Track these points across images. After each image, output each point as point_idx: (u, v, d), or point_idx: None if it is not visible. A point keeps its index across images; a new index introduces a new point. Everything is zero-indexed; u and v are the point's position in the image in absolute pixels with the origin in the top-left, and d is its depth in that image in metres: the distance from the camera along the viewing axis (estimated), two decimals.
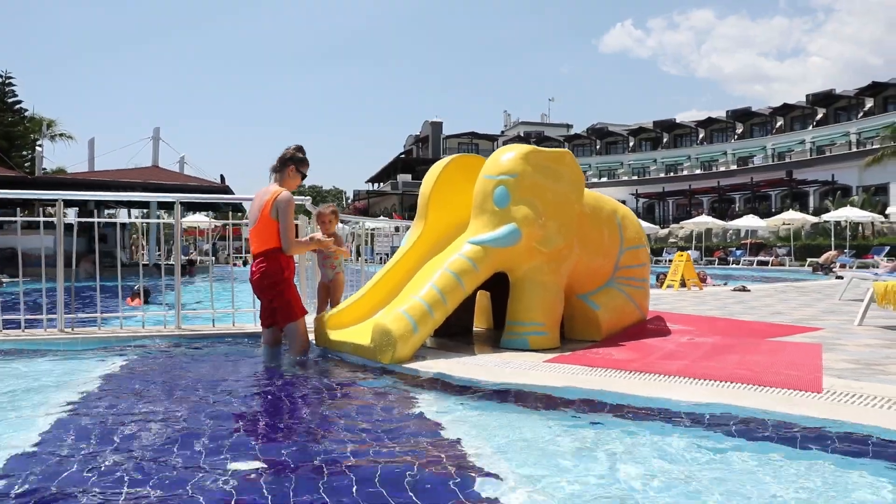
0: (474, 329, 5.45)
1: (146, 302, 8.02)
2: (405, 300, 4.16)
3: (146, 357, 4.42)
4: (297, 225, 5.02)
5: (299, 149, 4.50)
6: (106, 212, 29.29)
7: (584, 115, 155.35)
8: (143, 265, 6.51)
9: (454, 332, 4.99)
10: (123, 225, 27.81)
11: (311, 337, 4.53)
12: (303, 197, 5.53)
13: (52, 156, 40.34)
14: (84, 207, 23.60)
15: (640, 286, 5.23)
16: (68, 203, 27.85)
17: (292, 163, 4.40)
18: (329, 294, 4.97)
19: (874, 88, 44.50)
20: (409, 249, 4.82)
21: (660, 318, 5.60)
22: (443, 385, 3.44)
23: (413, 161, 65.23)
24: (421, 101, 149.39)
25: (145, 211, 25.98)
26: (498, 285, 4.70)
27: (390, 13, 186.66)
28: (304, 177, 4.53)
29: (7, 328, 4.98)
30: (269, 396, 3.43)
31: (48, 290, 5.09)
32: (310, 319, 4.61)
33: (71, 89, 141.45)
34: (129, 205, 31.10)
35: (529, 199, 4.34)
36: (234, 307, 5.37)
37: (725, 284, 12.96)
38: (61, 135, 39.95)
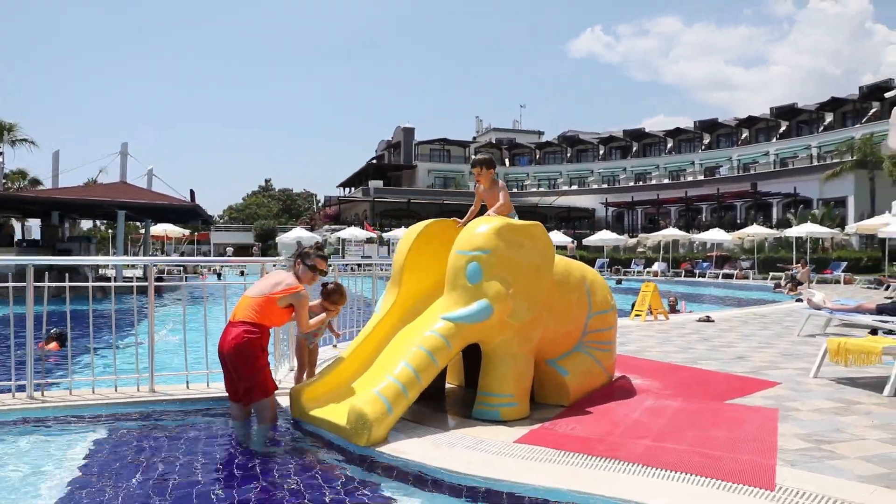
0: (446, 385, 5.57)
1: (62, 346, 7.43)
2: (380, 377, 4.25)
3: (118, 436, 4.40)
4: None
5: (319, 247, 4.91)
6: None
7: (555, 120, 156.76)
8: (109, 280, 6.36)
9: (428, 392, 5.08)
10: (89, 238, 27.35)
11: (286, 404, 4.60)
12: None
13: (13, 162, 39.18)
14: (48, 220, 23.12)
15: (608, 349, 5.41)
16: (30, 213, 27.26)
17: (302, 259, 4.77)
18: (310, 357, 5.16)
19: (833, 104, 45.91)
20: (384, 317, 4.91)
21: (625, 376, 5.78)
22: (415, 476, 3.54)
23: (385, 167, 65.15)
24: (393, 106, 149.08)
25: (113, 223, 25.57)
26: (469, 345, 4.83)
27: (362, 19, 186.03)
28: (321, 272, 4.89)
29: None
30: (250, 484, 3.49)
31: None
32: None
33: (35, 98, 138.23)
34: (94, 215, 30.60)
35: (501, 275, 4.47)
36: (208, 368, 5.38)
37: (690, 312, 13.34)
38: (23, 140, 38.97)
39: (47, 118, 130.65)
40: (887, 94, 40.64)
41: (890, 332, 7.77)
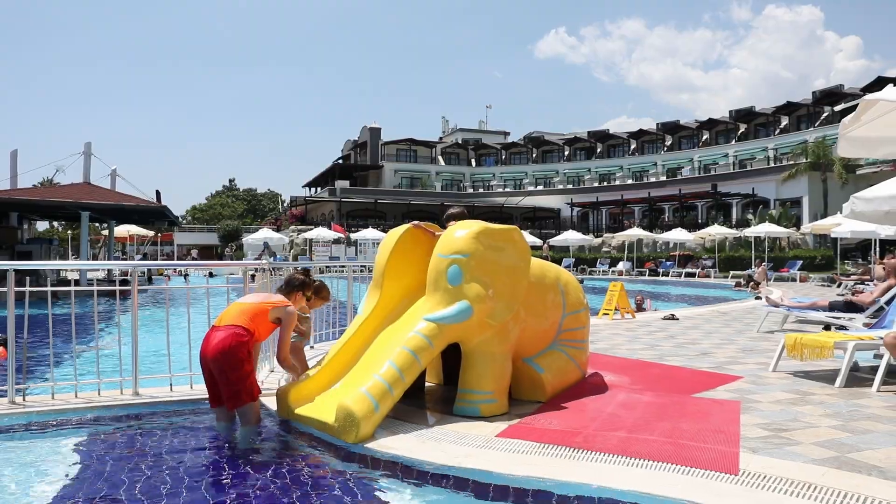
0: (426, 384, 5.74)
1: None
2: (366, 376, 4.40)
3: (104, 438, 4.46)
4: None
5: (306, 273, 5.14)
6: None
7: (521, 121, 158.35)
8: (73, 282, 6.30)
9: (409, 391, 5.25)
10: (51, 240, 26.70)
11: (273, 408, 4.72)
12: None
13: None
14: (5, 221, 22.50)
15: (581, 346, 5.65)
16: None
17: (300, 288, 5.01)
18: (299, 355, 5.35)
19: (789, 108, 47.54)
20: (367, 318, 5.07)
21: (598, 373, 6.04)
22: (403, 470, 3.71)
23: (351, 167, 64.94)
24: (359, 106, 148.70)
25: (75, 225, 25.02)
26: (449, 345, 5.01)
27: (328, 16, 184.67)
28: (308, 299, 5.18)
29: None
30: (240, 485, 3.61)
31: None
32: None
33: None
34: (54, 216, 29.86)
35: (480, 277, 4.67)
36: (192, 371, 5.44)
37: (656, 311, 13.78)
38: None
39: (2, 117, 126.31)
40: (837, 108, 42.23)
41: (841, 327, 8.23)
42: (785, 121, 48.56)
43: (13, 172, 22.05)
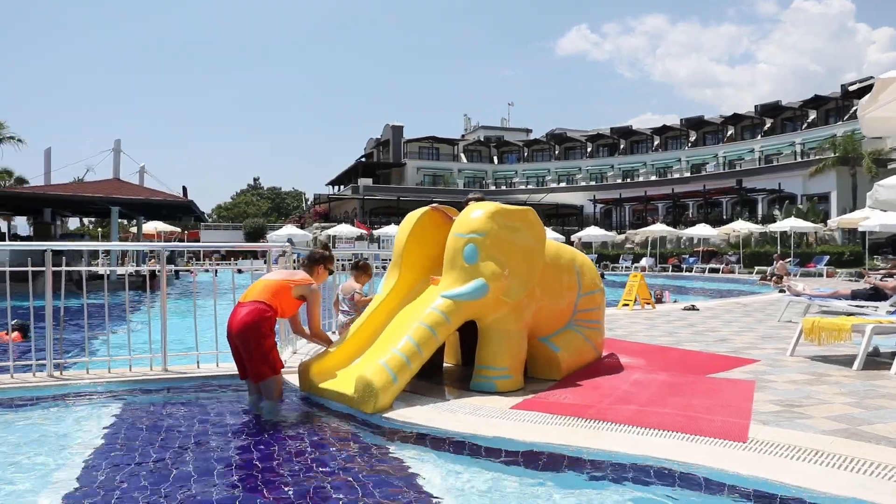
0: (444, 364, 5.86)
1: (25, 338, 7.63)
2: (384, 350, 4.55)
3: (136, 409, 4.67)
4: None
5: (325, 247, 5.27)
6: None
7: (543, 118, 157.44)
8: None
9: (427, 369, 5.39)
10: (82, 235, 27.36)
11: (296, 383, 4.88)
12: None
13: (0, 160, 39.03)
14: (39, 217, 23.15)
15: (596, 327, 5.73)
16: (20, 211, 27.21)
17: (323, 262, 5.11)
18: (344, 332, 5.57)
19: (817, 101, 46.67)
20: (385, 297, 5.21)
21: (613, 354, 6.11)
22: (420, 438, 3.84)
23: (374, 165, 65.28)
24: (382, 104, 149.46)
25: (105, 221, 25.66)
26: (465, 324, 5.13)
27: (350, 17, 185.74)
28: (331, 272, 5.32)
29: None
30: (261, 450, 3.77)
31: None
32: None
33: (25, 95, 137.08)
34: (86, 212, 30.57)
35: (496, 256, 4.78)
36: (217, 349, 5.63)
37: (675, 302, 13.72)
38: (10, 138, 38.77)
39: (34, 116, 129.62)
40: (851, 87, 41.21)
41: (865, 316, 8.15)
42: (813, 115, 47.69)
43: (46, 169, 22.71)
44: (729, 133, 53.52)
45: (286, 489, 3.10)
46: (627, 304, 11.84)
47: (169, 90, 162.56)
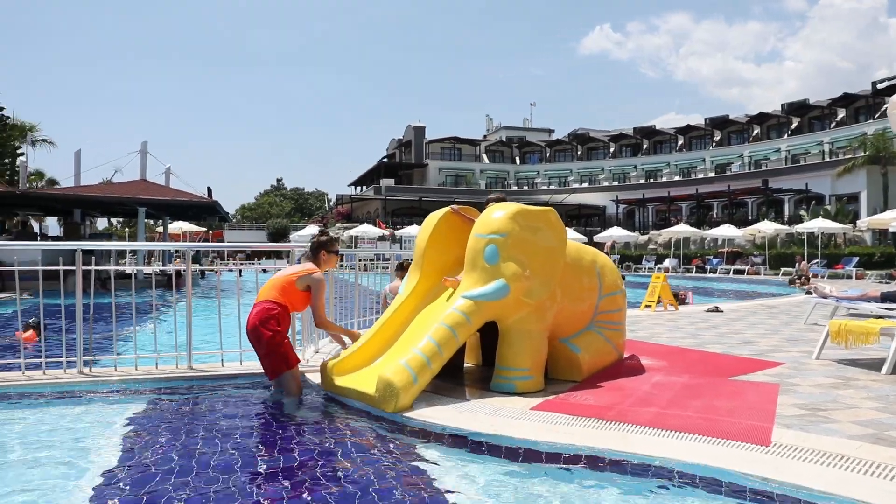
0: (465, 365, 5.88)
1: (39, 337, 7.39)
2: (405, 351, 4.58)
3: (162, 405, 4.77)
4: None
5: (323, 233, 5.22)
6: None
7: (566, 118, 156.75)
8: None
9: (447, 370, 5.41)
10: (110, 235, 27.91)
11: (317, 381, 4.94)
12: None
13: (32, 162, 39.90)
14: (69, 218, 23.67)
15: (618, 328, 5.71)
16: (51, 211, 27.85)
17: (322, 248, 5.09)
18: None
19: (846, 99, 45.73)
20: (406, 297, 5.25)
21: (635, 355, 6.07)
22: (439, 437, 3.87)
23: (396, 165, 65.52)
24: (404, 105, 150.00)
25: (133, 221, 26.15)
26: (486, 325, 5.14)
27: (372, 18, 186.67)
28: (337, 253, 5.23)
29: (28, 370, 5.31)
30: (282, 447, 3.82)
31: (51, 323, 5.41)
32: None
33: (56, 97, 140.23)
34: (114, 213, 31.17)
35: (517, 256, 4.79)
36: (241, 347, 5.72)
37: (700, 304, 13.57)
38: (42, 140, 39.64)
39: (64, 118, 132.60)
40: (880, 85, 40.34)
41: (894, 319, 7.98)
42: (841, 113, 46.73)
43: (76, 171, 23.21)
44: (755, 132, 52.71)
45: (305, 486, 3.14)
46: (650, 306, 11.75)
47: (195, 93, 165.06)
